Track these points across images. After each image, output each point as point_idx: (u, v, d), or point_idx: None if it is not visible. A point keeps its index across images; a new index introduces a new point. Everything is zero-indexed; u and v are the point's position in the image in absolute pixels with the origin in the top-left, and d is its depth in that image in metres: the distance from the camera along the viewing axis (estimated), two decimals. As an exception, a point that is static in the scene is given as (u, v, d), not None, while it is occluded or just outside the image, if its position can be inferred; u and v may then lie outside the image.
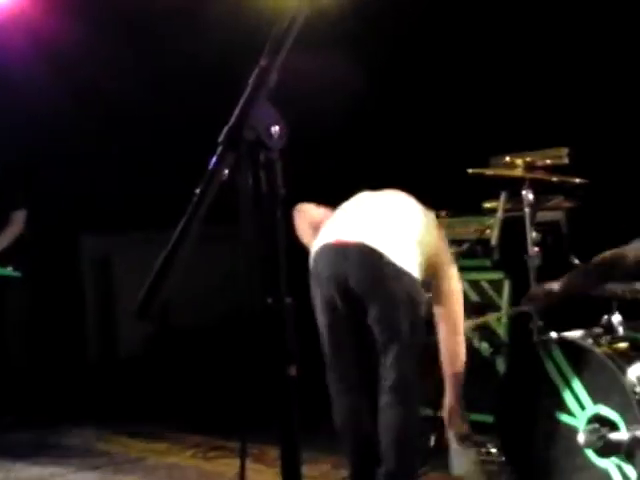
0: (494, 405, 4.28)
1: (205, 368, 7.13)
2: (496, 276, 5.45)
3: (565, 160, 5.17)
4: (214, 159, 1.58)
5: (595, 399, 3.88)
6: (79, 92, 7.16)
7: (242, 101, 1.63)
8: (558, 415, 4.00)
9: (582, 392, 3.92)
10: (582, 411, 3.91)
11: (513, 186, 4.68)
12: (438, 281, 4.22)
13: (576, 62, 5.96)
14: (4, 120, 6.44)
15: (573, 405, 3.95)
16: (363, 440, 4.13)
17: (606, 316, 4.19)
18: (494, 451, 4.68)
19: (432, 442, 5.12)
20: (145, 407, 6.70)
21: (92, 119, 7.46)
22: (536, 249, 4.57)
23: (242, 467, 1.90)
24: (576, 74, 5.97)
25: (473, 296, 5.51)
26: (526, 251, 4.54)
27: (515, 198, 4.75)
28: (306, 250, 4.27)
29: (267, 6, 5.65)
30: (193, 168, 2.09)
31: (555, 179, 4.63)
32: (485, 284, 5.50)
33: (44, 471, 5.40)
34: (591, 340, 4.02)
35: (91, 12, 6.72)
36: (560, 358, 4.02)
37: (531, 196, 4.55)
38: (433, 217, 4.40)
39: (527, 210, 4.54)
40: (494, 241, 5.05)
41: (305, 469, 1.73)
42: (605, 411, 3.84)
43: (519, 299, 4.68)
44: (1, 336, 6.62)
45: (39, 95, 6.80)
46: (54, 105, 6.92)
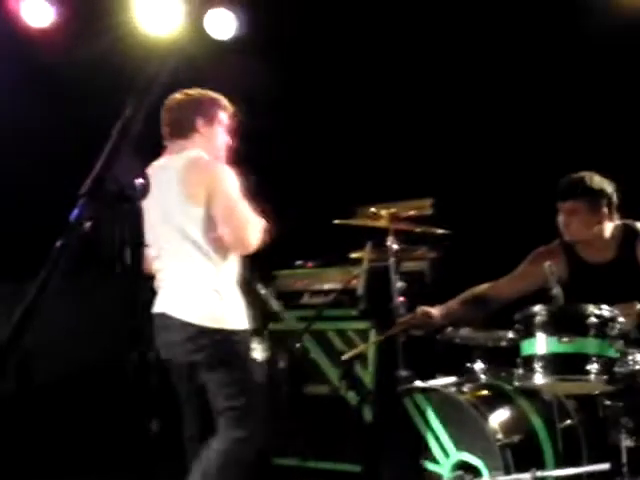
0: (361, 454, 4.29)
1: (66, 424, 6.90)
2: (362, 325, 5.50)
3: (429, 211, 5.29)
4: (75, 211, 1.55)
5: (459, 446, 3.94)
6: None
7: (105, 152, 1.61)
8: (423, 463, 4.04)
9: (446, 440, 3.98)
10: (446, 458, 3.96)
11: (378, 236, 4.75)
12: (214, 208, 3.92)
13: (438, 115, 6.11)
14: None
15: (438, 452, 3.99)
16: None
17: (468, 364, 4.28)
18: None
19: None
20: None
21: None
22: (401, 298, 4.63)
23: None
24: (439, 127, 6.12)
25: (340, 345, 5.54)
26: (391, 300, 4.60)
27: (381, 248, 4.82)
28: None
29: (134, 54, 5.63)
30: (55, 219, 2.04)
31: (419, 230, 4.72)
32: (351, 333, 5.55)
33: None
34: (454, 388, 4.09)
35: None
36: (425, 406, 4.07)
37: (396, 246, 4.63)
38: (196, 158, 4.02)
39: (392, 260, 4.61)
40: (360, 291, 5.12)
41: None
42: (468, 458, 3.90)
43: (385, 348, 4.74)
44: None
45: None
46: None
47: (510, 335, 4.20)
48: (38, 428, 7.02)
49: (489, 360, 4.31)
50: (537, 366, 3.78)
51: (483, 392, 4.14)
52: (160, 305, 3.95)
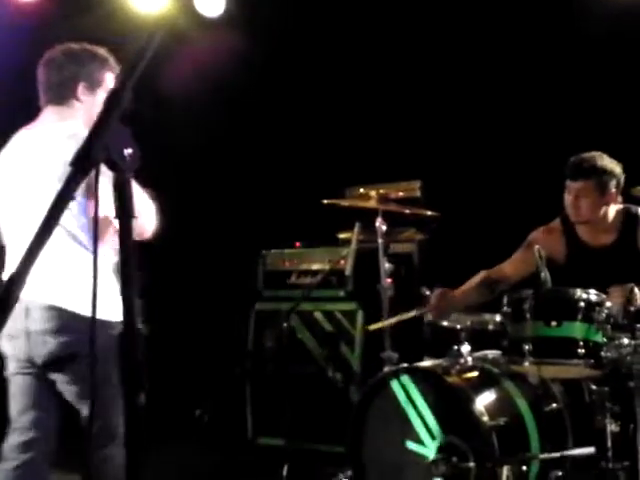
0: (347, 435, 4.28)
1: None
2: (349, 307, 5.49)
3: (417, 193, 5.29)
4: (64, 181, 1.52)
5: (445, 428, 3.93)
6: None
7: (94, 123, 1.59)
8: (409, 444, 4.04)
9: (432, 421, 3.97)
10: (432, 440, 3.96)
11: (367, 217, 4.73)
12: None
13: (428, 97, 6.09)
14: None
15: (423, 434, 3.99)
16: None
17: (455, 346, 4.27)
18: (346, 482, 4.68)
19: (285, 472, 5.10)
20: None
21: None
22: (389, 280, 4.62)
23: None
24: (429, 109, 6.10)
25: (327, 326, 5.54)
26: (379, 282, 4.59)
27: (369, 229, 4.81)
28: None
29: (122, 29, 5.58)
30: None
31: (408, 211, 4.71)
32: (339, 314, 5.54)
33: None
34: (441, 370, 4.08)
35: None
36: (411, 388, 4.06)
37: (384, 227, 4.61)
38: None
39: (380, 241, 4.60)
40: (348, 272, 5.10)
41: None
42: (454, 440, 3.89)
43: (372, 331, 4.73)
44: None
45: None
46: None
47: (498, 318, 4.19)
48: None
49: (476, 343, 4.31)
50: (524, 349, 3.79)
51: (470, 374, 4.14)
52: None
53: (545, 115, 5.73)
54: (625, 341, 3.75)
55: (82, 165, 1.51)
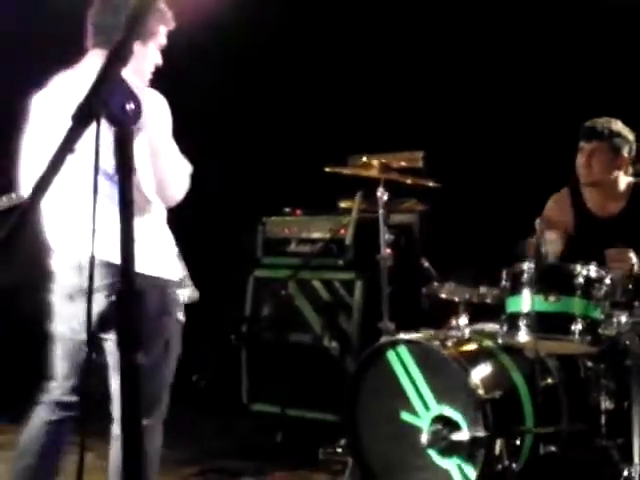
0: (342, 404, 4.29)
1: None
2: (348, 276, 5.47)
3: (420, 164, 5.26)
4: (65, 133, 1.50)
5: (439, 400, 3.94)
6: None
7: (96, 76, 1.56)
8: (403, 415, 4.04)
9: (427, 392, 3.98)
10: (427, 411, 3.96)
11: (369, 186, 4.71)
12: None
13: (432, 70, 6.06)
14: None
15: (418, 405, 4.00)
16: None
17: (453, 319, 4.27)
18: (340, 450, 4.70)
19: (279, 439, 5.13)
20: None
21: None
22: (389, 251, 4.60)
23: (81, 462, 1.82)
24: (432, 81, 6.06)
25: (325, 295, 5.53)
26: (379, 252, 4.57)
27: (370, 199, 4.79)
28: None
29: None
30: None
31: (409, 181, 4.68)
32: (337, 283, 5.52)
33: None
34: (438, 342, 4.08)
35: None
36: (407, 358, 4.06)
37: (386, 197, 4.58)
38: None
39: (381, 211, 4.57)
40: (348, 241, 5.09)
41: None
42: (449, 412, 3.90)
43: (370, 300, 4.72)
44: None
45: None
46: None
47: (496, 291, 4.18)
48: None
49: (474, 316, 4.31)
50: (521, 323, 3.79)
51: (466, 347, 4.14)
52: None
53: (549, 84, 5.69)
54: (623, 319, 3.76)
55: (83, 118, 1.49)
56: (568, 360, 4.17)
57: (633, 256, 4.03)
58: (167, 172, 3.24)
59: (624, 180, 4.45)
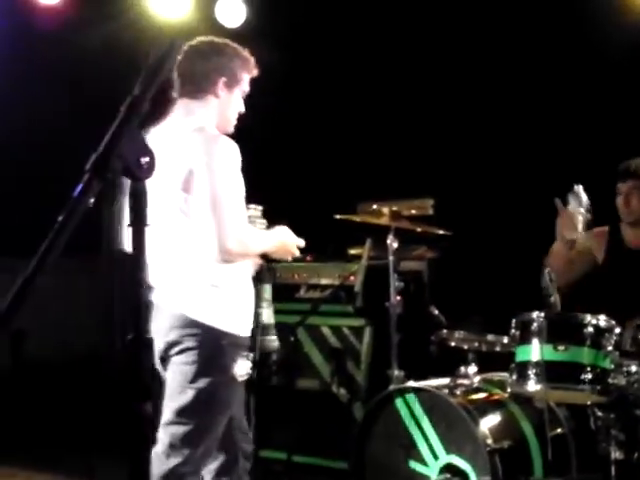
0: (350, 452, 4.27)
1: (58, 404, 6.89)
2: (357, 323, 5.47)
3: (430, 211, 5.27)
4: (79, 187, 1.52)
5: (448, 449, 3.92)
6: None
7: (112, 129, 1.59)
8: (411, 464, 4.02)
9: (436, 441, 3.96)
10: (435, 461, 3.94)
11: (378, 234, 4.73)
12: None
13: (443, 118, 6.10)
14: None
15: (427, 454, 3.98)
16: None
17: (462, 367, 4.26)
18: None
19: None
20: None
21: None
22: (398, 297, 4.61)
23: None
24: (443, 129, 6.10)
25: (334, 341, 5.52)
26: (388, 299, 4.58)
27: (380, 246, 4.80)
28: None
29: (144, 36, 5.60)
30: (57, 196, 2.02)
31: (419, 229, 4.70)
32: (346, 330, 5.51)
33: None
34: (447, 390, 4.07)
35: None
36: (416, 407, 4.05)
37: (395, 244, 4.59)
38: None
39: (391, 258, 4.58)
40: (358, 287, 5.08)
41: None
42: (457, 461, 3.88)
43: (379, 347, 4.71)
44: None
45: None
46: None
47: (505, 340, 4.18)
48: (31, 404, 7.02)
49: (483, 364, 4.30)
50: (531, 373, 3.78)
51: (475, 396, 4.12)
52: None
53: (558, 134, 5.73)
54: (633, 368, 3.75)
55: (97, 172, 1.51)
56: (577, 410, 4.15)
57: (580, 227, 4.05)
58: (225, 223, 3.20)
59: None
